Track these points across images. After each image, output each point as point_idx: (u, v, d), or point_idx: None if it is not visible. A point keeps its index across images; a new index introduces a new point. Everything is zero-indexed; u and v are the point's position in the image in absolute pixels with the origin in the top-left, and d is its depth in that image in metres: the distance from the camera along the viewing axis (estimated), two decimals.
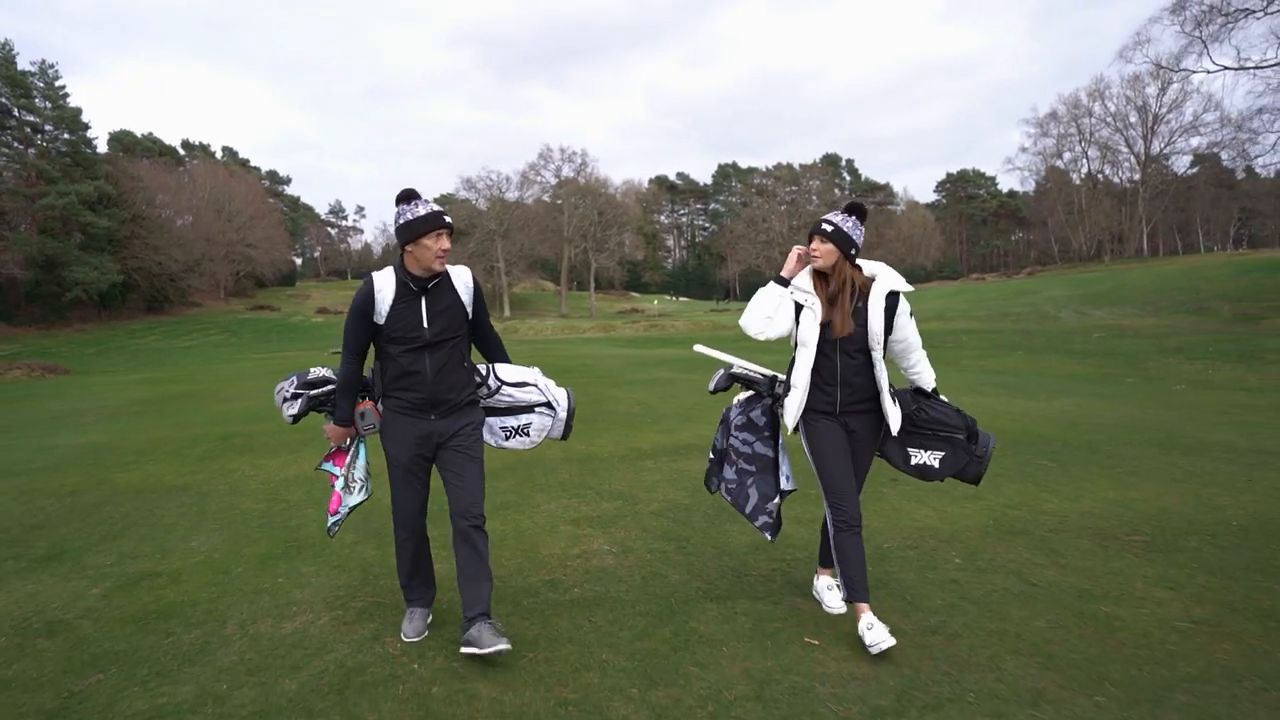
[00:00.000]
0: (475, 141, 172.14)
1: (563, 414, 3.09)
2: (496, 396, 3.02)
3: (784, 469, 3.13)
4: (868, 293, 2.90)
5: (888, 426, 2.98)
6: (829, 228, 2.87)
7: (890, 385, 2.96)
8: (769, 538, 3.10)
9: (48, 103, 49.31)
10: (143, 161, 61.37)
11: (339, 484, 3.02)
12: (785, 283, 2.96)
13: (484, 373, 3.02)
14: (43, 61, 50.03)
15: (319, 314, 54.04)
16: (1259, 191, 64.98)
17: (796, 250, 2.95)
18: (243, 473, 6.21)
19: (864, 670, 2.63)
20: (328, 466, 3.07)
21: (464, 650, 2.64)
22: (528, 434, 3.07)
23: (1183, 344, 16.29)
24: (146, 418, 10.51)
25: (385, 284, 2.76)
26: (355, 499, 3.03)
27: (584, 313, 61.60)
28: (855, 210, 2.94)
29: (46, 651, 2.94)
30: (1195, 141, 54.67)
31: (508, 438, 3.07)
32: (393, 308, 2.75)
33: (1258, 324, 21.43)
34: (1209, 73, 28.18)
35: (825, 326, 2.90)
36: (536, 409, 3.07)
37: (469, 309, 2.89)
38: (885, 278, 2.94)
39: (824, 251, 2.88)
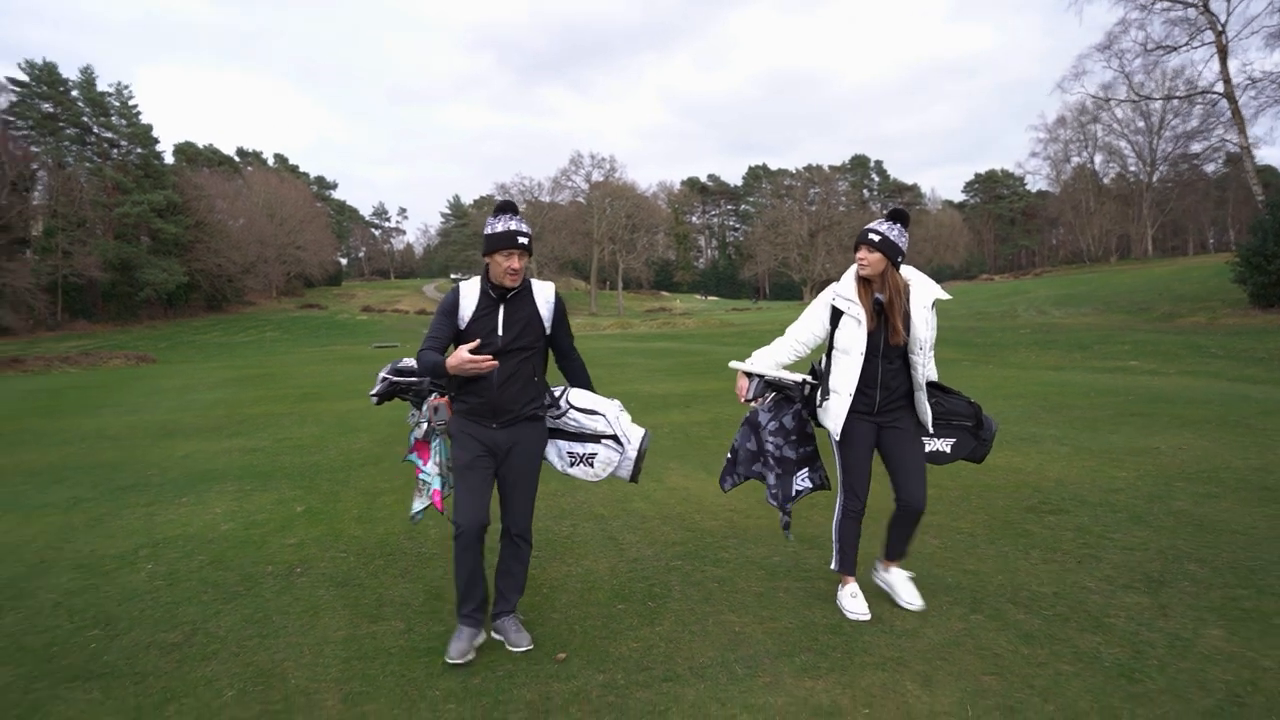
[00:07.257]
0: (499, 144, 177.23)
1: (631, 453, 3.03)
2: (564, 419, 2.99)
3: (802, 473, 3.18)
4: (908, 299, 2.94)
5: (917, 419, 3.08)
6: (876, 237, 2.87)
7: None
8: (788, 536, 3.27)
9: (123, 120, 54.85)
10: (204, 171, 67.00)
11: (436, 482, 3.04)
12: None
13: (556, 393, 3.01)
14: (119, 83, 55.82)
15: (364, 312, 58.58)
16: None
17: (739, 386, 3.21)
18: (321, 408, 10.23)
19: None
20: (412, 458, 3.15)
21: (495, 635, 2.95)
22: (592, 464, 3.02)
23: (1058, 338, 19.35)
24: (244, 387, 14.62)
25: (470, 291, 2.86)
26: (447, 492, 3.10)
27: (613, 311, 64.92)
28: (899, 217, 2.94)
29: (256, 456, 6.91)
30: (1196, 147, 56.24)
31: (572, 464, 3.04)
32: (474, 314, 2.82)
33: (1171, 322, 24.13)
34: (1133, 102, 30.88)
35: (870, 334, 2.92)
36: (603, 440, 3.02)
37: (547, 324, 2.90)
38: (922, 285, 2.97)
39: (871, 260, 2.88)
